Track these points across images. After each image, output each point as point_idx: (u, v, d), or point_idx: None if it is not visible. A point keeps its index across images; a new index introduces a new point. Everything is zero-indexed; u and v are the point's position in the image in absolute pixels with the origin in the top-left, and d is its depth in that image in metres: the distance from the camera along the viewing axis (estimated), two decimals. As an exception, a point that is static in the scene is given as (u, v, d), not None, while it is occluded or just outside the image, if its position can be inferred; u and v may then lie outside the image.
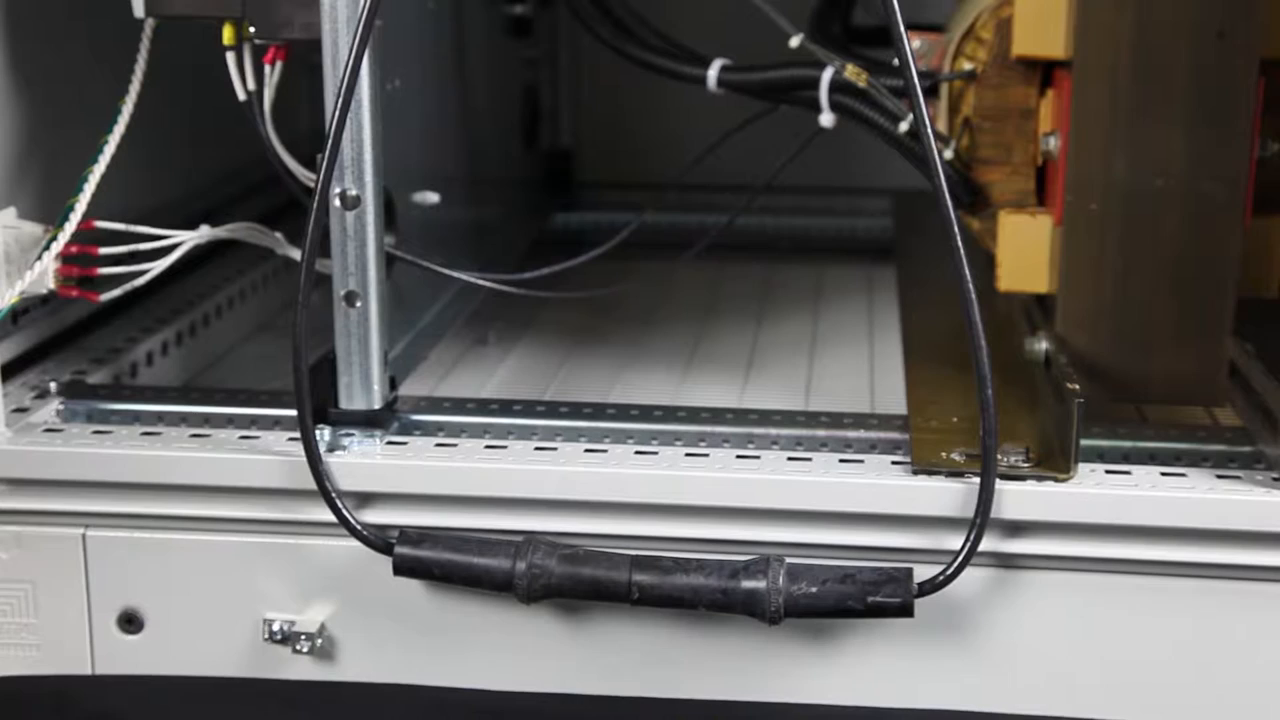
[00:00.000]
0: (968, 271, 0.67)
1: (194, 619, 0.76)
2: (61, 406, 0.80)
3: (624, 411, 0.78)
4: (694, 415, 0.78)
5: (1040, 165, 0.79)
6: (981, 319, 0.67)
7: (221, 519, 0.75)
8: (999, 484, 0.69)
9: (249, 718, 0.74)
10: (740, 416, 0.77)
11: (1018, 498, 0.69)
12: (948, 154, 0.78)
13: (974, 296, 0.67)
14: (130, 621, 0.77)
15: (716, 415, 0.78)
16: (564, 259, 0.87)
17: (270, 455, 0.73)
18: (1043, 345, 0.78)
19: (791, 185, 0.99)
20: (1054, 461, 0.71)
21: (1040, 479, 0.70)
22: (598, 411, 0.78)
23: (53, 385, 0.82)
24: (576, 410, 0.78)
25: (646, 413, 0.78)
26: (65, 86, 0.87)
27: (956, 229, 0.67)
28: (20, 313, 0.84)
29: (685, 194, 1.03)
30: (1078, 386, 0.71)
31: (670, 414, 0.78)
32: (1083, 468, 0.71)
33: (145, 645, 0.77)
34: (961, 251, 0.67)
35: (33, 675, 0.77)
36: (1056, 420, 0.73)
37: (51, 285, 0.78)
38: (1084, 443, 0.71)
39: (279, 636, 0.74)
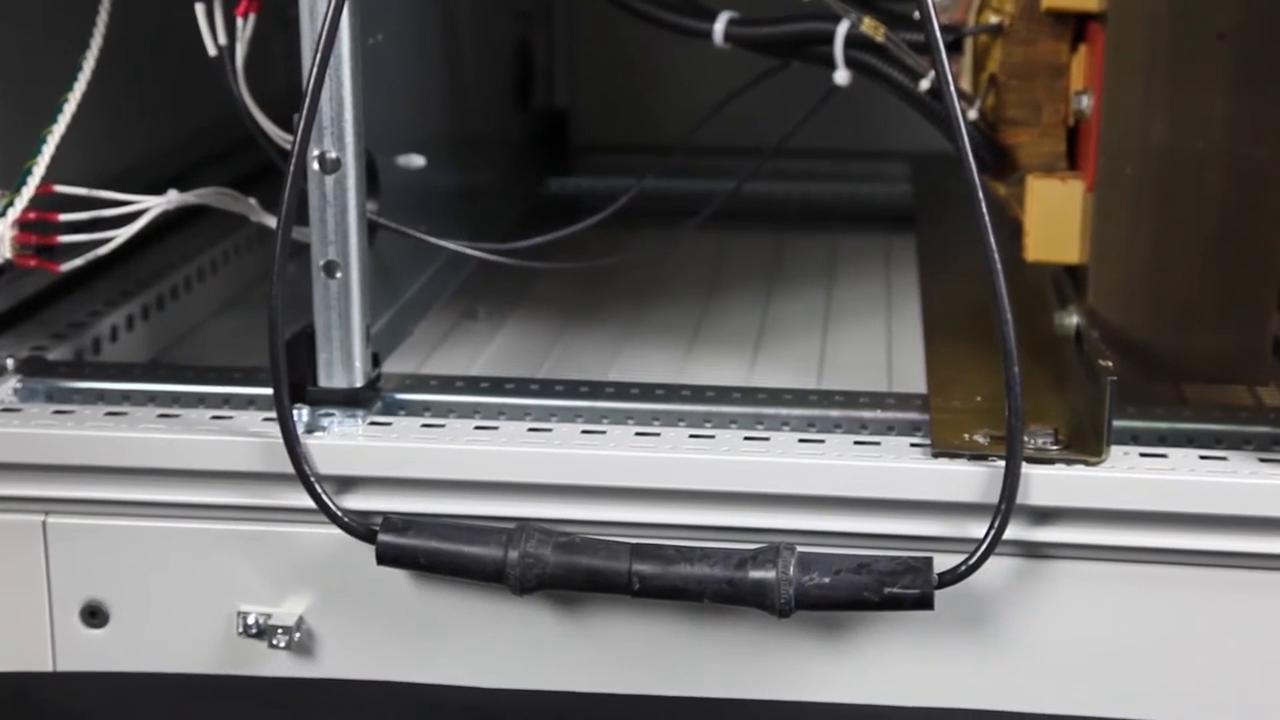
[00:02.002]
0: (993, 240, 0.67)
1: (163, 612, 0.76)
2: (19, 385, 0.81)
3: (623, 390, 0.78)
4: (699, 394, 0.78)
5: (1071, 126, 0.78)
6: (1008, 291, 0.67)
7: (192, 505, 0.75)
8: (1025, 468, 0.69)
9: (222, 717, 0.74)
10: (748, 396, 0.78)
11: (1046, 482, 0.70)
12: (972, 114, 0.78)
13: (1000, 267, 0.67)
14: (94, 614, 0.77)
15: (723, 394, 0.78)
16: (559, 227, 0.87)
17: (244, 437, 0.74)
18: (1073, 319, 0.78)
19: (803, 148, 0.98)
20: (1085, 444, 0.71)
21: (1070, 462, 0.70)
22: (595, 390, 0.78)
23: (9, 362, 0.82)
24: (573, 389, 0.79)
25: (648, 391, 0.78)
26: (22, 39, 0.87)
27: (981, 195, 0.67)
28: (-28, 290, 0.84)
29: (689, 158, 1.03)
30: (1110, 364, 0.71)
31: (673, 393, 0.78)
32: (1115, 450, 0.71)
33: (111, 640, 0.77)
34: (986, 219, 0.67)
35: (-10, 672, 0.77)
36: (1088, 400, 0.73)
37: (8, 254, 0.78)
38: (1117, 424, 0.71)
39: (254, 630, 0.75)
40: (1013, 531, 0.69)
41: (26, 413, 0.77)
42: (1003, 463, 0.69)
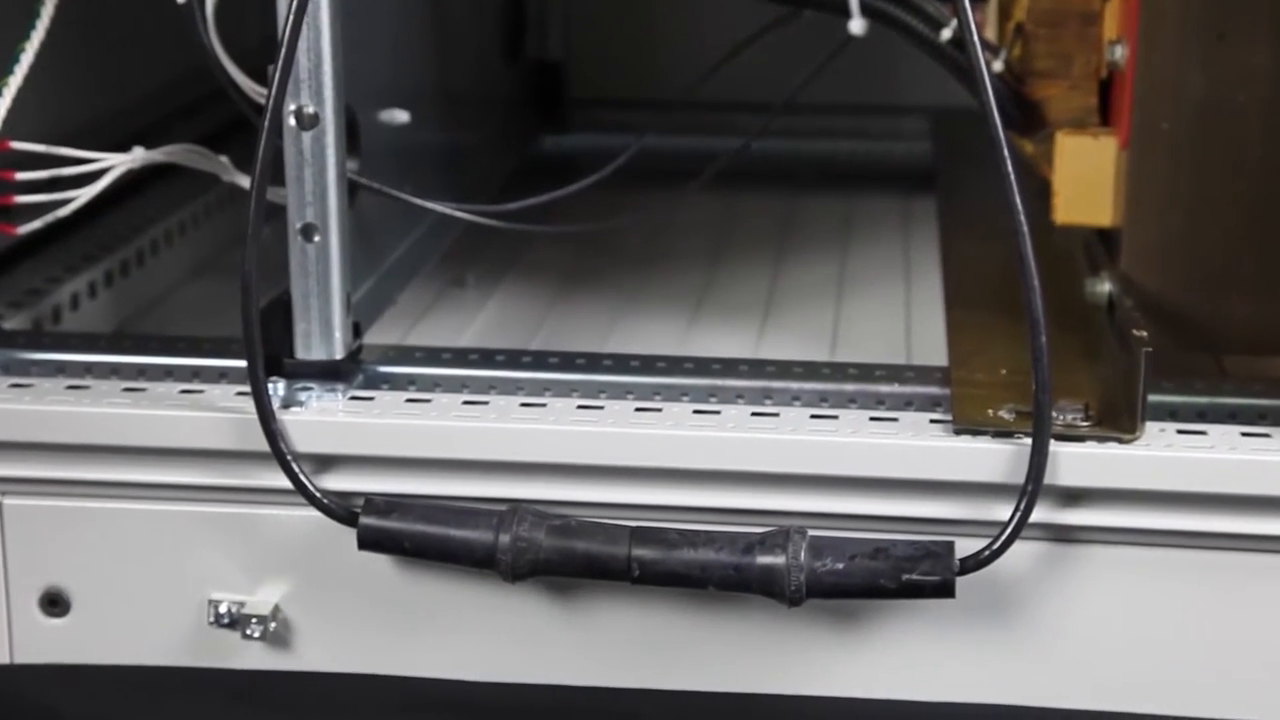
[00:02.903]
0: (1020, 201, 0.67)
1: (128, 600, 0.76)
2: (-26, 356, 0.80)
3: (622, 363, 0.78)
4: (703, 367, 0.78)
5: (1104, 78, 0.78)
6: (1035, 256, 0.67)
7: (160, 485, 0.75)
8: (1054, 445, 0.69)
9: (193, 712, 0.74)
10: (756, 368, 0.77)
11: (1075, 461, 0.69)
12: (997, 66, 0.78)
13: (1027, 230, 0.67)
14: (54, 603, 0.77)
15: (729, 367, 0.78)
16: (553, 188, 0.87)
17: (215, 412, 0.73)
18: (1105, 286, 0.78)
19: (817, 103, 0.98)
20: (1117, 420, 0.71)
21: (1101, 440, 0.70)
22: (592, 363, 0.78)
23: (-37, 332, 0.82)
24: (568, 361, 0.78)
25: (648, 364, 0.78)
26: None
27: (1007, 152, 0.67)
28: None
29: (693, 113, 1.03)
30: (1145, 334, 0.70)
31: (676, 366, 0.78)
32: (1151, 427, 0.71)
33: (72, 630, 0.77)
34: (1013, 178, 0.67)
35: (-57, 664, 0.77)
36: (1121, 373, 0.73)
37: (-39, 216, 0.77)
38: (1152, 398, 0.71)
39: (226, 620, 0.75)
40: (1040, 514, 0.69)
41: (-19, 386, 0.77)
42: (1029, 440, 0.68)
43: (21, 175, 0.78)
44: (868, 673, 0.73)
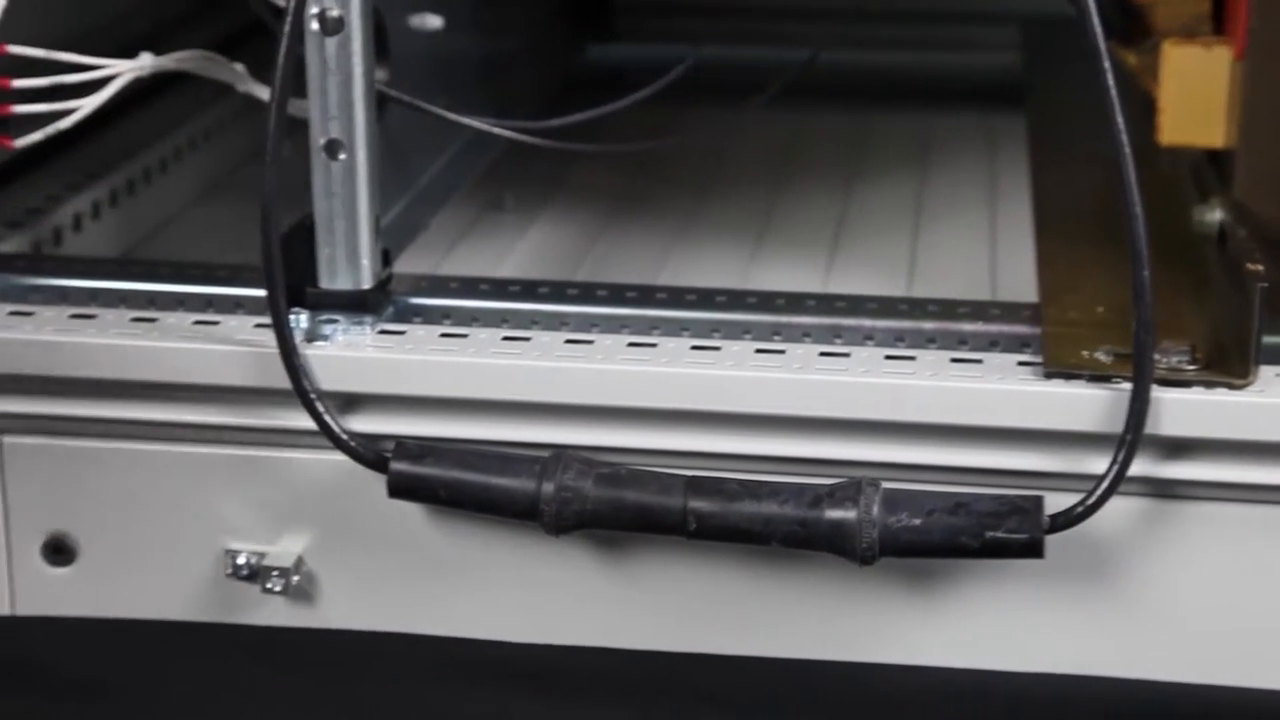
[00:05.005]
0: (1121, 120, 0.66)
1: (138, 548, 0.77)
2: (-31, 282, 0.81)
3: (677, 297, 0.78)
4: (766, 302, 0.78)
5: (1218, -18, 0.77)
6: (1138, 181, 0.66)
7: (172, 424, 0.75)
8: (1156, 391, 0.68)
9: (207, 670, 0.75)
10: (825, 304, 0.77)
11: (1180, 409, 0.69)
12: (1098, -33, 0.77)
13: (1129, 151, 0.66)
14: (58, 550, 0.78)
15: (795, 302, 0.77)
16: (600, 103, 0.87)
17: (232, 345, 0.74)
18: (1216, 215, 0.77)
19: (892, 10, 0.98)
20: (1227, 364, 0.70)
21: (1209, 385, 0.70)
22: (644, 296, 0.78)
23: (-43, 255, 0.83)
24: (618, 294, 0.78)
25: (706, 298, 0.78)
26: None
27: (1107, 64, 0.66)
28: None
29: (754, 22, 1.02)
30: (1261, 268, 0.70)
31: (736, 300, 0.78)
32: (1265, 371, 0.70)
33: (77, 579, 0.78)
34: (1114, 93, 0.66)
35: (-62, 616, 0.78)
36: (1232, 311, 0.72)
37: (-46, 128, 0.78)
38: (1267, 339, 0.70)
39: (245, 572, 0.75)
40: (1139, 467, 0.69)
41: (-22, 315, 0.77)
42: (1129, 385, 0.68)
43: (19, 83, 0.78)
44: (945, 639, 0.73)
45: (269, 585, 0.75)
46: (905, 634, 0.74)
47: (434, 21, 0.83)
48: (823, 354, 0.73)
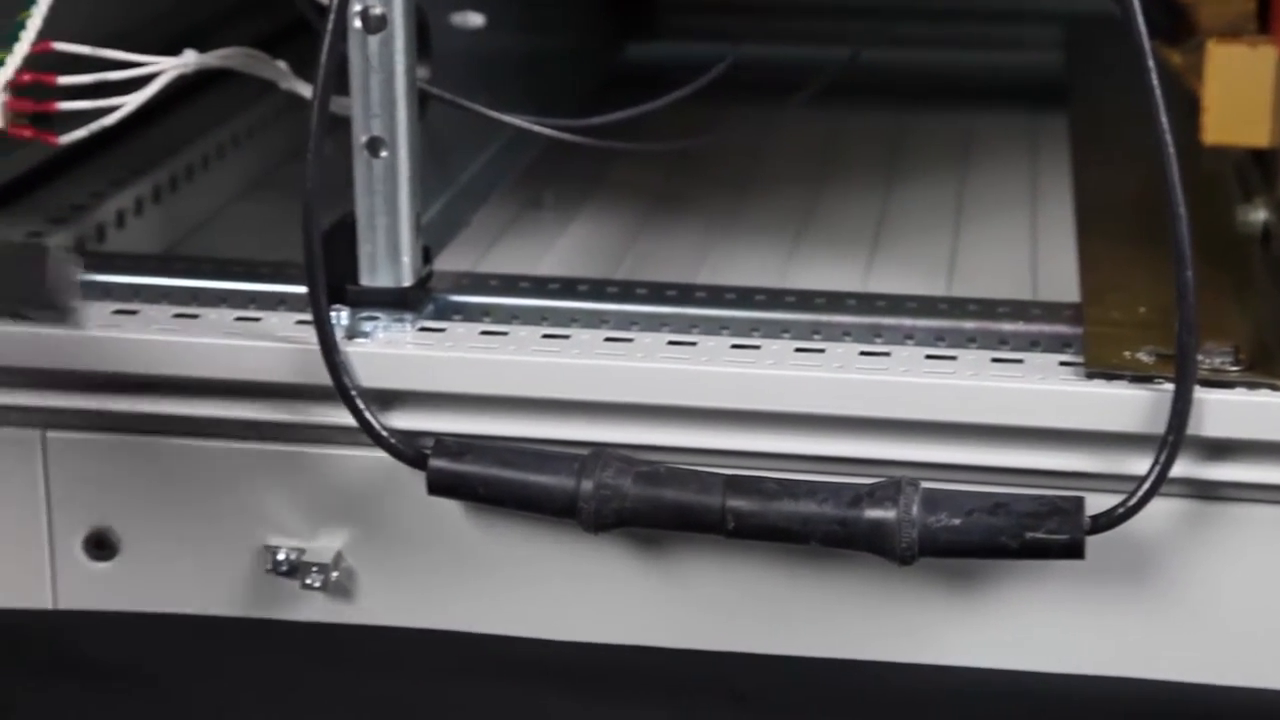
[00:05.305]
0: (1166, 119, 0.66)
1: (179, 543, 0.77)
2: (14, 277, 0.81)
3: (717, 295, 0.78)
4: (806, 301, 0.77)
5: (1263, -19, 0.77)
6: (1182, 180, 0.66)
7: (214, 420, 0.76)
8: (1199, 392, 0.68)
9: (247, 666, 0.75)
10: (865, 303, 0.77)
11: (1223, 410, 0.69)
12: (1142, -34, 0.77)
13: (1173, 151, 0.66)
14: (100, 545, 0.78)
15: (835, 301, 0.77)
16: (641, 101, 0.86)
17: (274, 342, 0.74)
18: (1261, 215, 0.77)
19: (933, 9, 0.97)
20: (1271, 365, 0.70)
21: (1252, 386, 0.69)
22: (684, 295, 0.78)
23: (2, 250, 0.83)
24: (658, 293, 0.78)
25: (745, 297, 0.78)
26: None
27: (1151, 63, 0.66)
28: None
29: (794, 20, 1.02)
30: (1305, 269, 0.70)
31: (775, 299, 0.78)
32: (1309, 373, 0.70)
33: (118, 574, 0.78)
34: (1158, 92, 0.66)
35: (-20, 609, 0.79)
36: (1276, 312, 0.72)
37: None
38: (1311, 341, 0.70)
39: (285, 568, 0.76)
40: (1181, 468, 0.69)
41: (22, 310, 0.78)
42: (1171, 386, 0.68)
43: (64, 80, 0.78)
44: (985, 640, 0.73)
45: (308, 581, 0.75)
46: (944, 634, 0.74)
47: (476, 19, 0.83)
48: (863, 353, 0.73)
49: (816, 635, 0.74)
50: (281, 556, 0.76)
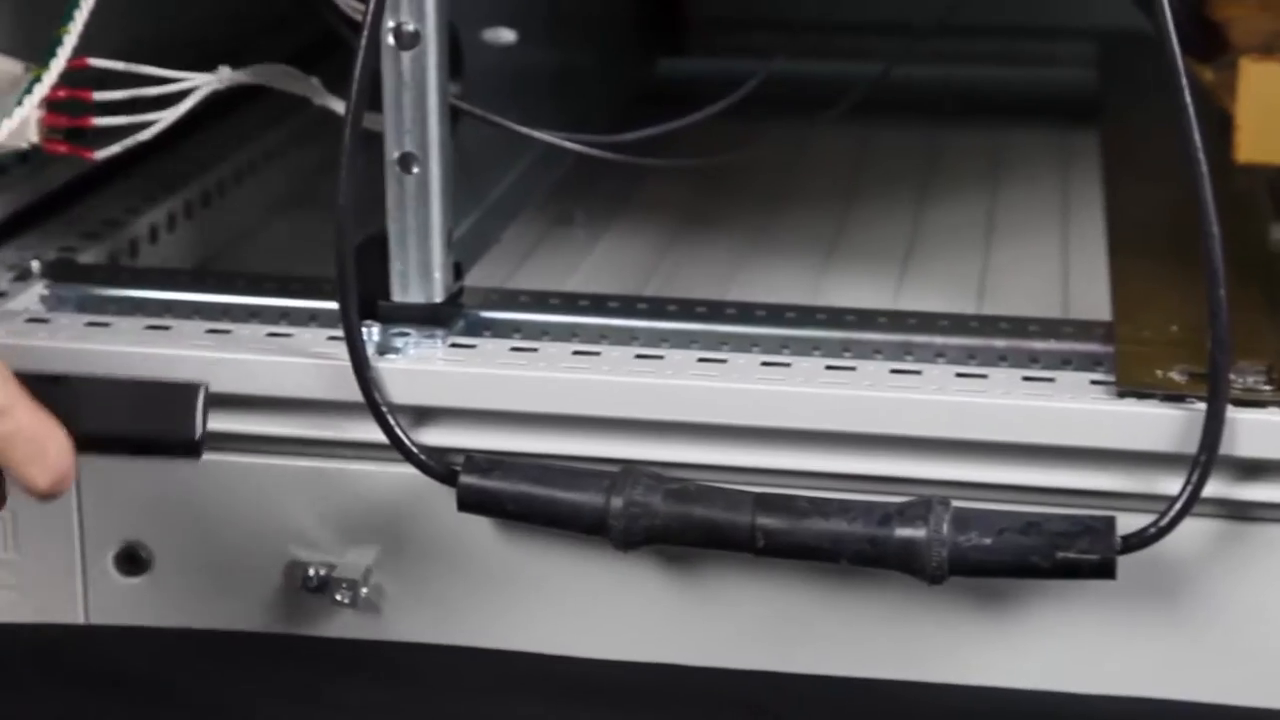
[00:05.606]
0: (1198, 136, 0.66)
1: (210, 559, 0.78)
2: (47, 291, 0.82)
3: (747, 312, 0.78)
4: (836, 318, 0.77)
5: (1298, -1, 0.76)
6: (1214, 198, 0.66)
7: (245, 436, 0.76)
8: (1231, 411, 0.68)
9: (276, 681, 0.75)
10: (895, 321, 0.77)
11: (1256, 429, 0.68)
12: (1176, -17, 0.76)
13: (1206, 169, 0.66)
14: (131, 560, 0.78)
15: (865, 319, 0.77)
16: (671, 117, 0.87)
17: (305, 358, 0.74)
18: (1293, 234, 0.76)
19: (965, 24, 0.97)
20: (1305, 384, 0.70)
21: (1286, 406, 0.69)
22: (714, 311, 0.78)
23: (35, 264, 0.84)
24: (688, 309, 0.78)
25: (776, 314, 0.78)
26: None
27: (1184, 81, 0.66)
28: (-9, 174, 0.85)
29: (826, 36, 1.02)
30: (1339, 288, 0.69)
31: (806, 316, 0.78)
32: (1342, 393, 0.70)
33: (149, 590, 0.78)
34: (1191, 110, 0.66)
35: (11, 624, 0.79)
36: (1309, 332, 0.72)
37: (34, 139, 0.78)
38: (1345, 361, 0.70)
39: (314, 583, 0.76)
40: (1213, 488, 0.68)
41: (55, 324, 0.78)
42: (1203, 405, 0.68)
43: (99, 95, 0.79)
44: (1015, 661, 0.73)
45: (337, 597, 0.75)
46: (974, 654, 0.73)
47: (507, 36, 0.83)
48: (893, 371, 0.73)
49: (845, 654, 0.74)
50: (311, 572, 0.76)
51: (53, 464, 0.60)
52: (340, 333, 0.72)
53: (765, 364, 0.74)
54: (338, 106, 0.79)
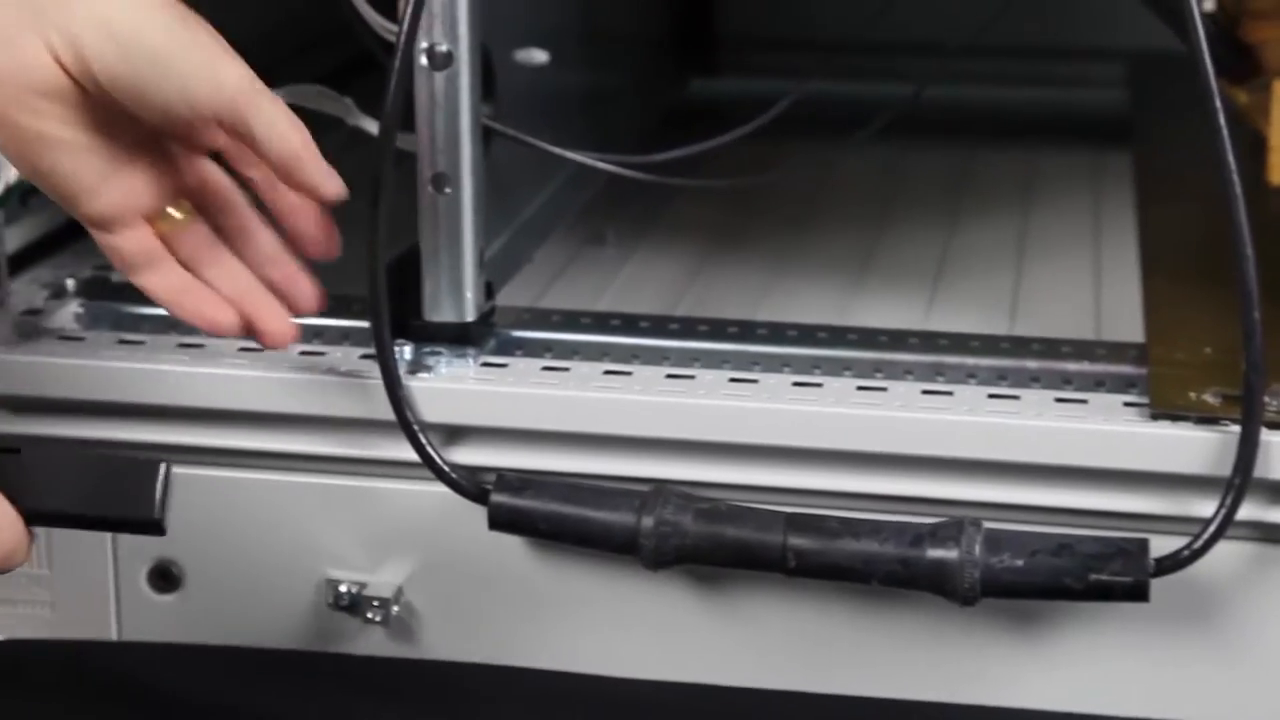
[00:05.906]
0: (1232, 159, 0.66)
1: (241, 576, 0.78)
2: (81, 309, 0.82)
3: (778, 333, 0.78)
4: (868, 339, 0.77)
5: (1331, 21, 0.76)
6: (1248, 220, 0.66)
7: (277, 454, 0.76)
8: (1266, 434, 0.67)
9: (307, 699, 0.75)
10: (927, 341, 0.77)
11: (1290, 452, 0.68)
12: (1208, 4, 0.76)
13: (1239, 190, 0.66)
14: (164, 577, 0.79)
15: (897, 339, 0.77)
16: (702, 138, 0.87)
17: (337, 377, 0.74)
18: (1328, 256, 0.76)
19: (997, 45, 0.97)
20: (1339, 407, 0.69)
21: (1321, 429, 0.69)
22: (745, 332, 0.78)
23: (70, 282, 0.84)
24: (719, 329, 0.78)
25: (807, 334, 0.78)
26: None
27: (1218, 103, 0.66)
28: (30, 192, 0.86)
29: (857, 57, 1.02)
30: (1374, 311, 0.69)
31: (837, 336, 0.78)
32: (1377, 416, 0.69)
33: (181, 607, 0.79)
34: (1224, 132, 0.66)
35: (44, 640, 0.79)
36: (1344, 354, 0.71)
37: (71, 160, 0.79)
38: (1380, 384, 0.69)
39: (346, 602, 0.76)
40: (1247, 511, 0.68)
41: (90, 342, 0.79)
42: (1237, 428, 0.67)
43: (134, 116, 0.79)
44: (1047, 682, 0.73)
45: (369, 615, 0.75)
46: (1006, 676, 0.73)
47: (539, 57, 0.83)
48: (924, 392, 0.73)
49: (876, 675, 0.74)
50: (343, 590, 0.76)
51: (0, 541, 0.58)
52: (373, 351, 0.72)
53: (797, 384, 0.74)
54: (371, 127, 0.79)
